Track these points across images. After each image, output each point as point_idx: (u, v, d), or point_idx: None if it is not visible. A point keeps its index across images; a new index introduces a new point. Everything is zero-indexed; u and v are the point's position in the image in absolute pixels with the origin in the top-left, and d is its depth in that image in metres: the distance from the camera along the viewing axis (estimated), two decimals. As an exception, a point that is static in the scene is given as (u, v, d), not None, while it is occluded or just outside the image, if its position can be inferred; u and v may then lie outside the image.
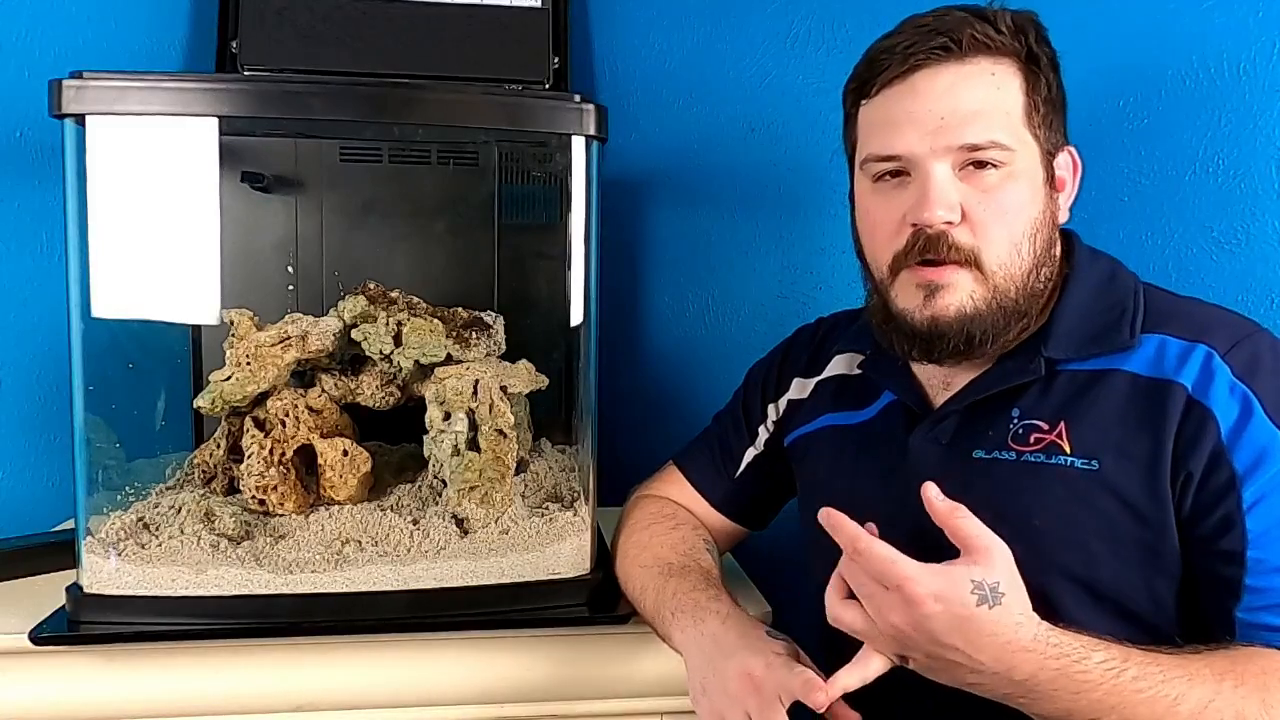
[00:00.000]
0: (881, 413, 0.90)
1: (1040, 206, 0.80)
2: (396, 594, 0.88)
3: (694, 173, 1.37)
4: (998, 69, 0.78)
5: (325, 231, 1.12)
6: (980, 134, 0.77)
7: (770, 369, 1.02)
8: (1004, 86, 0.78)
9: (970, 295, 0.78)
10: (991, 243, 0.78)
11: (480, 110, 0.90)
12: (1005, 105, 0.78)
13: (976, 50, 0.78)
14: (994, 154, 0.77)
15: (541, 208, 1.14)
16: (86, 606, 0.85)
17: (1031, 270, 0.79)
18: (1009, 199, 0.78)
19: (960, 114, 0.77)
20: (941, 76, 0.78)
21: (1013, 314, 0.79)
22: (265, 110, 0.85)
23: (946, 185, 0.77)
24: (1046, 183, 0.81)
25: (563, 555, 0.93)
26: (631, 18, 1.36)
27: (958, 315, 0.78)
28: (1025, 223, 0.79)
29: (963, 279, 0.78)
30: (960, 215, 0.78)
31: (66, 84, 0.80)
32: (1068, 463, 0.76)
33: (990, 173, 0.78)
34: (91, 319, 0.86)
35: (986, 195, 0.78)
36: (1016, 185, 0.78)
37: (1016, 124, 0.78)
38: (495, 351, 1.00)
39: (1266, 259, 1.18)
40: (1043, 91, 0.80)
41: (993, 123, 0.77)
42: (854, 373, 0.94)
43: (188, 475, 1.01)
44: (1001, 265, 0.78)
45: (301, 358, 0.95)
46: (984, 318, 0.78)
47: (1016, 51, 0.79)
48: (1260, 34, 1.16)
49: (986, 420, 0.81)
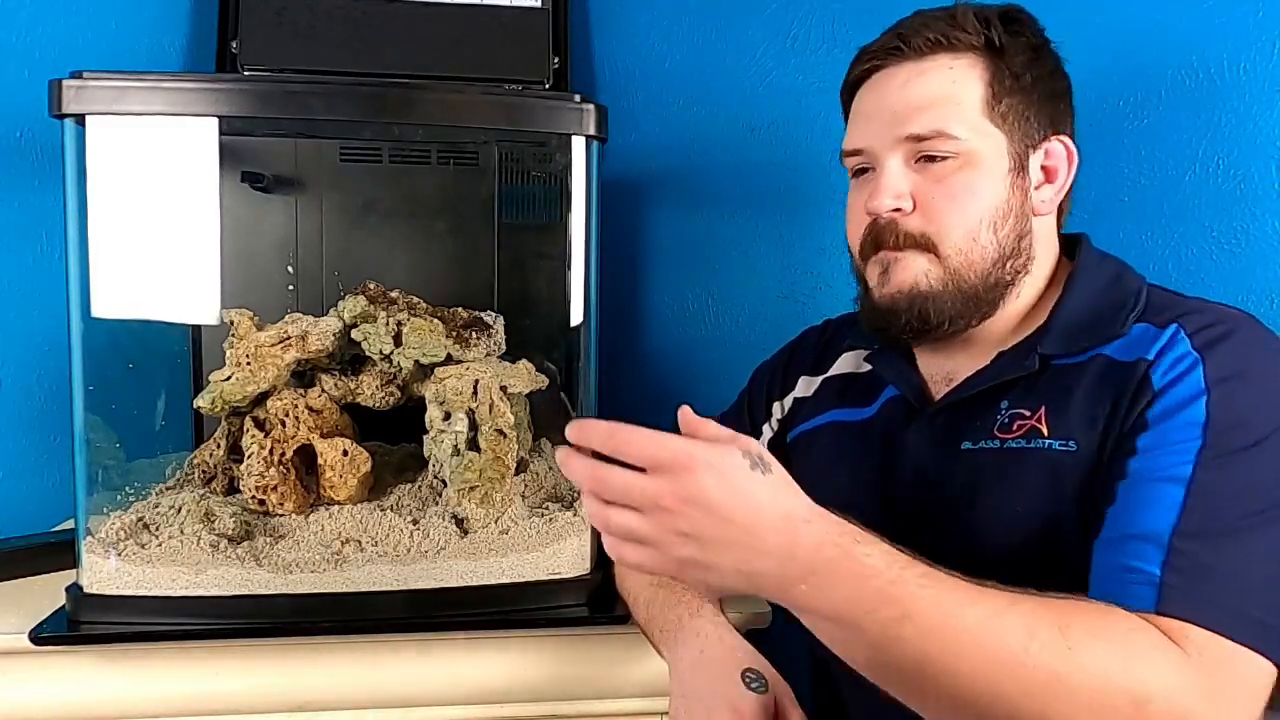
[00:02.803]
0: (882, 408, 0.91)
1: (1002, 196, 0.81)
2: (396, 594, 0.88)
3: (694, 173, 1.37)
4: (956, 63, 0.81)
5: (325, 231, 1.12)
6: (926, 125, 0.80)
7: (777, 368, 1.03)
8: (961, 80, 0.80)
9: (925, 274, 0.81)
10: (945, 228, 0.80)
11: (480, 110, 0.90)
12: (959, 97, 0.80)
13: (935, 49, 0.81)
14: (940, 144, 0.80)
15: (541, 208, 1.14)
16: (86, 606, 0.85)
17: (996, 260, 0.81)
18: (961, 187, 0.80)
19: (910, 107, 0.80)
20: (898, 75, 0.82)
21: (971, 299, 0.81)
22: (265, 110, 0.85)
23: (895, 175, 0.81)
24: (1013, 173, 0.81)
25: (563, 555, 0.93)
26: (631, 18, 1.36)
27: (910, 292, 0.81)
28: (982, 210, 0.80)
29: (917, 259, 0.81)
30: (912, 204, 0.81)
31: (66, 84, 0.80)
32: (1046, 445, 0.76)
33: (943, 163, 0.80)
34: (91, 319, 0.86)
35: (938, 184, 0.80)
36: (972, 174, 0.80)
37: (973, 115, 0.80)
38: (495, 351, 1.00)
39: (1266, 259, 1.18)
40: (1008, 82, 0.81)
41: (942, 114, 0.80)
42: (860, 370, 0.95)
43: (188, 475, 1.01)
44: (958, 250, 0.80)
45: (301, 358, 0.95)
46: (940, 298, 0.81)
47: (977, 46, 0.81)
48: (1260, 34, 1.16)
49: (978, 414, 0.82)
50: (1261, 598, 0.64)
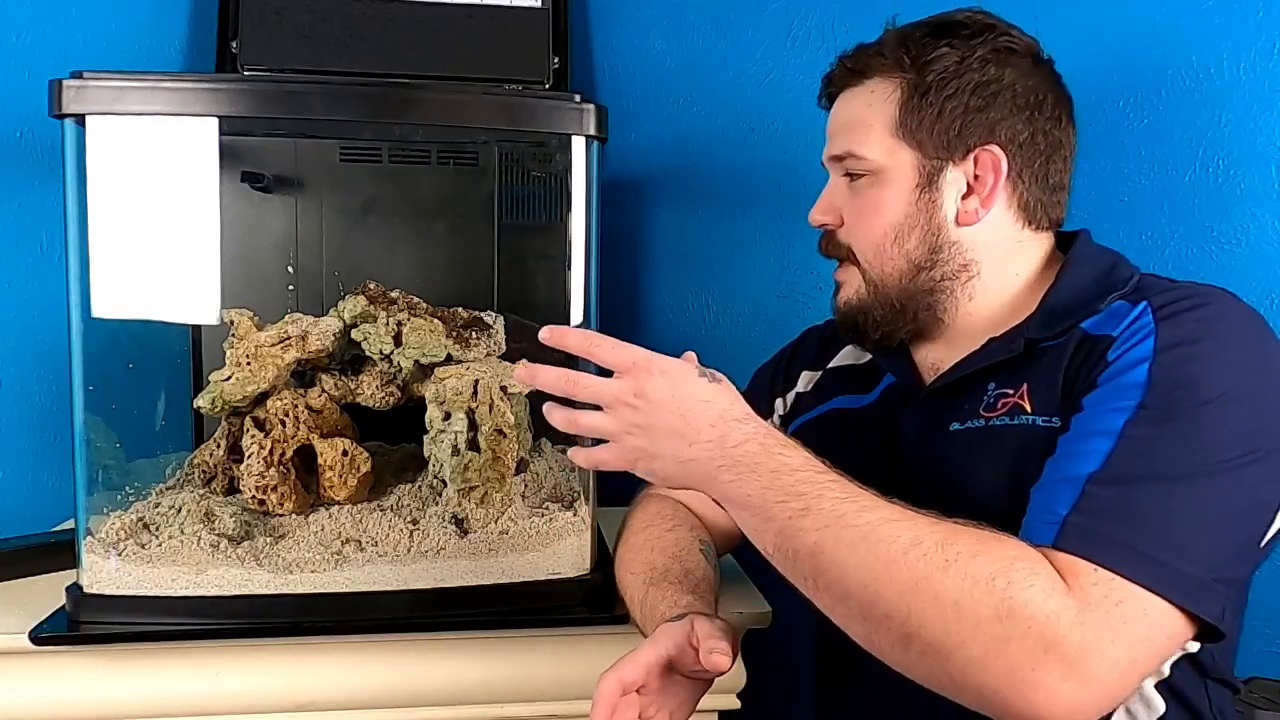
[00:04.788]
0: (880, 395, 0.92)
1: (907, 211, 0.84)
2: (396, 594, 0.88)
3: (694, 173, 1.37)
4: (878, 86, 0.85)
5: (325, 231, 1.12)
6: (840, 146, 0.87)
7: (779, 365, 1.04)
8: (876, 102, 0.85)
9: (857, 290, 0.88)
10: (856, 241, 0.87)
11: (480, 110, 0.90)
12: (870, 119, 0.85)
13: (860, 76, 0.86)
14: (851, 164, 0.86)
15: (541, 208, 1.14)
16: (86, 606, 0.85)
17: (906, 271, 0.85)
18: (868, 203, 0.85)
19: (836, 128, 0.88)
20: (839, 99, 0.89)
21: (895, 309, 0.86)
22: (265, 110, 0.85)
23: (828, 192, 0.89)
24: (920, 188, 0.84)
25: (563, 555, 0.93)
26: (631, 18, 1.36)
27: (846, 305, 0.90)
28: (886, 226, 0.84)
29: (852, 275, 0.89)
30: (839, 219, 0.88)
31: (66, 84, 0.80)
32: (1030, 421, 0.77)
33: (859, 180, 0.86)
34: (91, 319, 0.86)
35: (852, 200, 0.87)
36: (880, 190, 0.85)
37: (883, 135, 0.84)
38: (495, 351, 1.00)
39: (1266, 259, 1.18)
40: (921, 100, 0.82)
41: (852, 136, 0.85)
42: (860, 360, 0.97)
43: (188, 475, 1.01)
44: (869, 263, 0.86)
45: (301, 358, 0.95)
46: (867, 308, 0.87)
47: (898, 66, 0.84)
48: (1260, 34, 1.16)
49: (966, 396, 0.83)
50: (1182, 547, 0.63)
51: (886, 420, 0.89)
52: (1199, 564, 0.63)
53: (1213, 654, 0.76)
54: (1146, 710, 0.76)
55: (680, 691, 0.76)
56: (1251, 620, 0.80)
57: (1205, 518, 0.65)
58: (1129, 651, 0.61)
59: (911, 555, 0.63)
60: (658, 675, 0.73)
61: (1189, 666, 0.76)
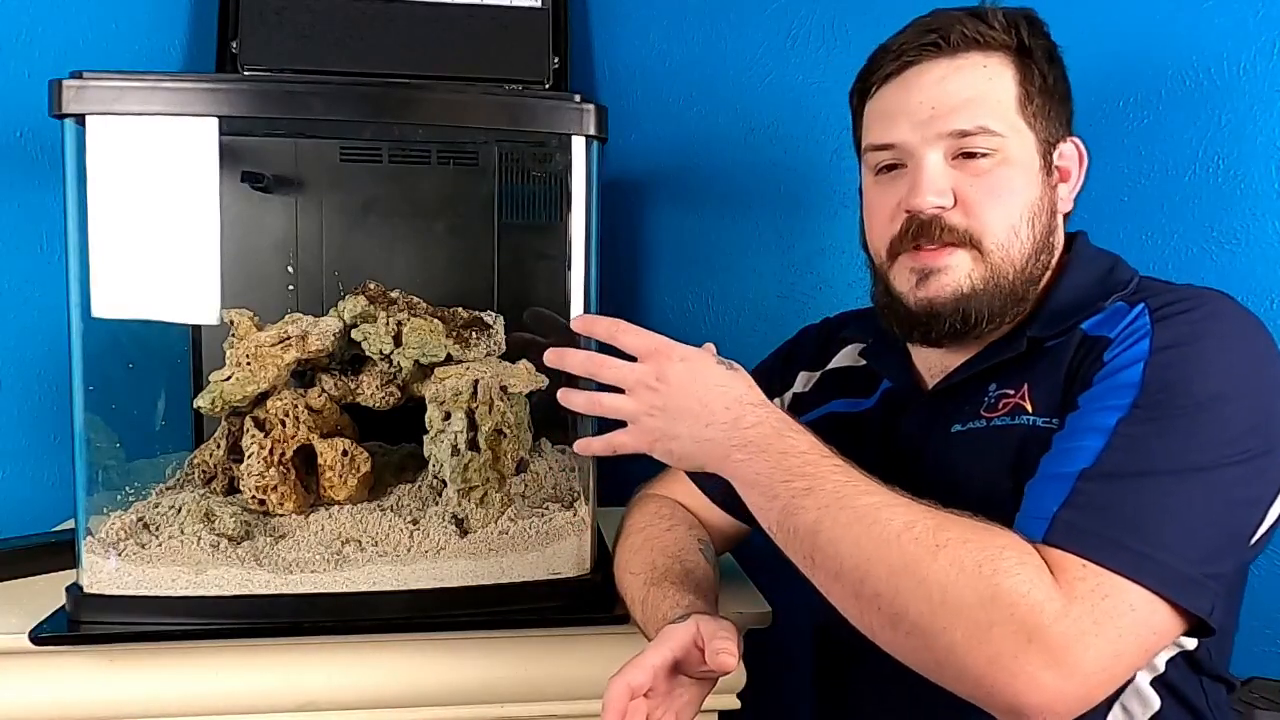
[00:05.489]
0: (879, 400, 0.92)
1: (1036, 193, 0.82)
2: (396, 594, 0.88)
3: (694, 173, 1.37)
4: (989, 62, 0.81)
5: (325, 231, 1.12)
6: (968, 120, 0.80)
7: (775, 365, 1.04)
8: (996, 78, 0.81)
9: (969, 275, 0.81)
10: (988, 224, 0.80)
11: (480, 110, 0.90)
12: (996, 94, 0.81)
13: (968, 46, 0.81)
14: (982, 140, 0.80)
15: (541, 208, 1.14)
16: (86, 606, 0.85)
17: (1030, 255, 0.81)
18: (1002, 183, 0.80)
19: (950, 103, 0.80)
20: (933, 71, 0.82)
21: (1009, 296, 0.81)
22: (265, 110, 0.85)
23: (937, 172, 0.81)
24: (1043, 170, 0.82)
25: (563, 555, 0.93)
26: (631, 18, 1.36)
27: (954, 295, 0.81)
28: (1021, 206, 0.81)
29: (960, 259, 0.81)
30: (953, 200, 0.81)
31: (66, 84, 0.80)
32: (1030, 421, 0.77)
33: (982, 159, 0.80)
34: (91, 319, 0.86)
35: (979, 179, 0.80)
36: (1010, 170, 0.81)
37: (1009, 112, 0.81)
38: (495, 351, 1.00)
39: (1266, 259, 1.18)
40: (1037, 82, 0.82)
41: (982, 110, 0.80)
42: (859, 364, 0.97)
43: (188, 475, 1.00)
44: (999, 246, 0.80)
45: (301, 358, 0.95)
46: (980, 297, 0.81)
47: (1008, 45, 0.82)
48: (1260, 34, 1.16)
49: (967, 397, 0.83)
50: (1171, 543, 0.64)
51: (887, 424, 0.89)
52: (1187, 559, 0.64)
53: (1209, 651, 0.76)
54: (1142, 706, 0.76)
55: (686, 693, 0.76)
56: (1251, 620, 0.80)
57: (1195, 514, 0.66)
58: (1113, 645, 0.61)
59: (904, 538, 0.65)
60: (664, 678, 0.73)
61: (1184, 663, 0.76)
